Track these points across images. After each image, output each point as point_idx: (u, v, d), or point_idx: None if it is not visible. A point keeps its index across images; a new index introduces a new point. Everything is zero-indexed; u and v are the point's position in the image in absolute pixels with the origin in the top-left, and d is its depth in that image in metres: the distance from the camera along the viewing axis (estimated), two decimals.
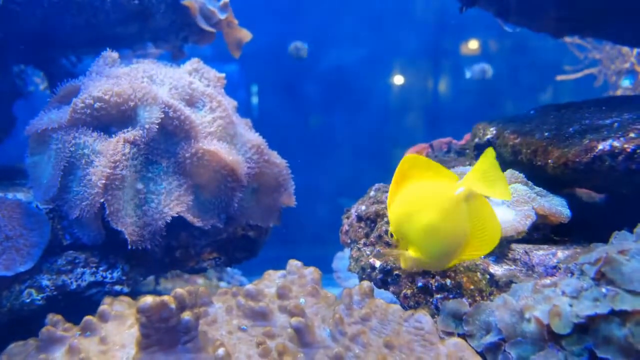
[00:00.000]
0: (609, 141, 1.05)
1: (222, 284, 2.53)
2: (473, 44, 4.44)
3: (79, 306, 1.22)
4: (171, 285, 2.13)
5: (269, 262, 1.42)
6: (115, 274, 1.29)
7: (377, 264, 1.21)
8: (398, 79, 4.60)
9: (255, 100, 4.52)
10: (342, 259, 2.46)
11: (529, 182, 1.18)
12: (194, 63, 1.53)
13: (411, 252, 0.95)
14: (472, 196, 0.86)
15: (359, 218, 1.39)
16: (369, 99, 4.55)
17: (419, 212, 0.90)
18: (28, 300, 1.19)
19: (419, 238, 0.92)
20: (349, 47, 4.54)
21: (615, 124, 1.11)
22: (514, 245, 1.09)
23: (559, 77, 3.60)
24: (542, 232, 1.13)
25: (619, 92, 3.36)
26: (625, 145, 1.03)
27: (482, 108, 4.30)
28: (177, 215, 1.27)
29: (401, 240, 0.97)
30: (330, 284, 2.35)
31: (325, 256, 2.47)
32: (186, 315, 0.91)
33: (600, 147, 1.06)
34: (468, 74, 3.74)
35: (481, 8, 1.76)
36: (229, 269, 2.60)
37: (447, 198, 0.85)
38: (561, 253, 1.04)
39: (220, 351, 0.91)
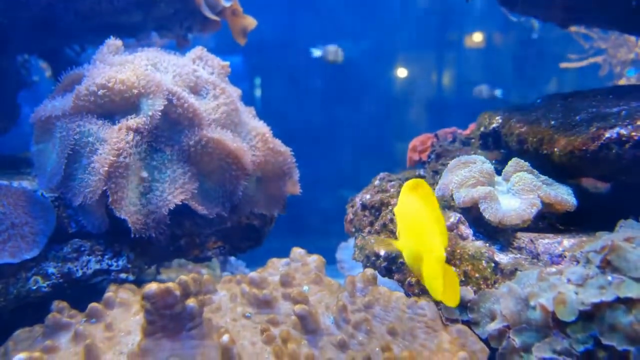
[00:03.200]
0: (616, 129, 1.04)
1: (225, 274, 2.54)
2: (477, 36, 4.41)
3: (84, 293, 1.22)
4: (175, 274, 2.14)
5: (271, 252, 1.42)
6: (120, 262, 1.29)
7: (382, 252, 1.21)
8: (401, 71, 4.57)
9: (258, 91, 4.51)
10: (345, 249, 2.45)
11: (535, 170, 1.17)
12: (198, 51, 1.53)
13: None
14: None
15: (364, 207, 1.39)
16: (372, 90, 4.53)
17: (408, 239, 1.02)
18: (34, 288, 1.20)
19: (405, 256, 1.04)
20: (353, 38, 4.52)
21: (623, 112, 1.10)
22: (519, 234, 1.09)
23: (563, 65, 3.58)
24: (547, 220, 1.13)
25: (622, 82, 3.34)
26: (633, 133, 1.02)
27: (486, 99, 4.28)
28: (181, 203, 1.27)
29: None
30: (334, 275, 2.35)
31: (328, 246, 2.47)
32: (191, 302, 0.91)
33: (607, 135, 1.05)
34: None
35: None
36: (232, 259, 2.61)
37: (432, 256, 0.95)
38: (567, 241, 1.03)
39: (225, 338, 0.91)
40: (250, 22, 1.98)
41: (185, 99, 1.29)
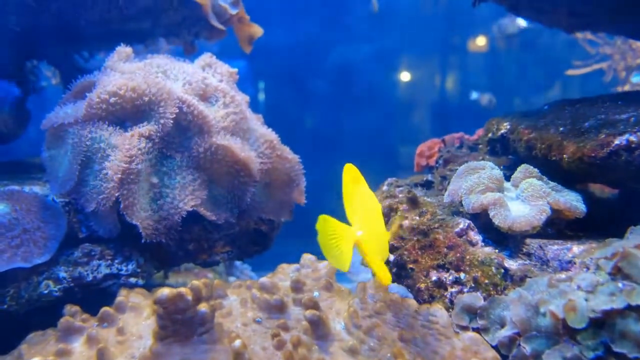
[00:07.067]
0: (626, 136, 1.04)
1: (231, 278, 2.54)
2: (481, 40, 4.42)
3: (94, 298, 1.23)
4: (182, 279, 2.15)
5: (276, 256, 1.43)
6: (130, 267, 1.30)
7: (391, 257, 1.21)
8: (406, 75, 4.58)
9: (262, 96, 4.53)
10: (353, 254, 2.45)
11: (544, 177, 1.18)
12: (206, 58, 1.54)
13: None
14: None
15: None
16: (377, 94, 4.54)
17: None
18: (46, 292, 1.21)
19: None
20: (357, 42, 4.53)
21: (632, 119, 1.10)
22: (528, 240, 1.09)
23: (569, 72, 3.57)
24: (556, 227, 1.13)
25: (627, 88, 3.34)
26: None
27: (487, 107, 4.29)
28: (191, 209, 1.28)
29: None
30: (340, 279, 2.35)
31: None
32: (202, 307, 0.92)
33: (616, 141, 1.05)
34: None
35: (494, 2, 1.75)
36: (238, 263, 2.62)
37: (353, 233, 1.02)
38: (576, 248, 1.03)
39: (237, 343, 0.92)
40: (257, 30, 1.99)
41: (195, 106, 1.30)
